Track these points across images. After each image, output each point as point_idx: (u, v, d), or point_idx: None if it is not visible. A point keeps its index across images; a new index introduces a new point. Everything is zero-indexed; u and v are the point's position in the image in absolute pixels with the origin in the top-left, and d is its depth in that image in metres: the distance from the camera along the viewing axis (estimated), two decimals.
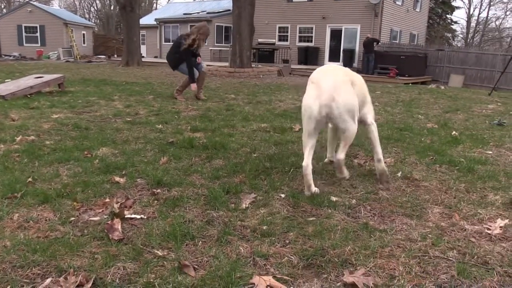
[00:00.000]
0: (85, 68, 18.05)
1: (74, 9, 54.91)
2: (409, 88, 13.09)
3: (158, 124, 5.00)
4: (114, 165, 3.26)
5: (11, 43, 29.69)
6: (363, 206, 2.63)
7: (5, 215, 2.35)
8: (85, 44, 32.52)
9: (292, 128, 4.96)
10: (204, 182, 2.97)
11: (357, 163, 3.60)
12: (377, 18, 21.14)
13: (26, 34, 30.42)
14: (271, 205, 2.60)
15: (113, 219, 2.28)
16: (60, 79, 8.27)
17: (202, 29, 7.32)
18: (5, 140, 4.03)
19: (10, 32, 29.87)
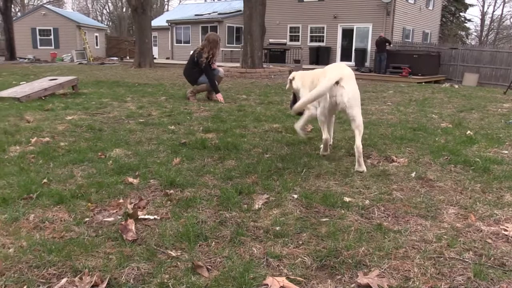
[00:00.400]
0: (98, 70, 18.24)
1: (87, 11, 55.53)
2: (422, 87, 12.97)
3: (170, 125, 5.03)
4: (128, 166, 3.29)
5: (26, 46, 30.13)
6: (377, 206, 2.61)
7: (21, 215, 2.38)
8: (98, 46, 32.87)
9: (304, 129, 4.94)
10: (217, 183, 2.98)
11: (370, 163, 3.57)
12: (389, 17, 20.99)
13: (40, 37, 30.87)
14: (284, 205, 2.59)
15: (127, 219, 2.29)
16: (73, 81, 8.36)
17: (210, 38, 7.42)
18: (20, 142, 4.09)
19: (25, 35, 30.33)
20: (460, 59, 19.11)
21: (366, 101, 8.30)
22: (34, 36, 30.83)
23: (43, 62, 26.53)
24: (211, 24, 26.37)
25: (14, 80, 11.52)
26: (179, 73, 15.45)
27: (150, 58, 20.40)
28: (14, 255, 1.95)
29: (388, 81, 15.51)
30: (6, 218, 2.34)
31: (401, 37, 21.98)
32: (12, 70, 17.09)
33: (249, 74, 14.81)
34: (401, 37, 21.98)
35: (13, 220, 2.32)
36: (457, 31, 38.14)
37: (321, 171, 3.27)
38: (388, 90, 11.09)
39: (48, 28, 30.71)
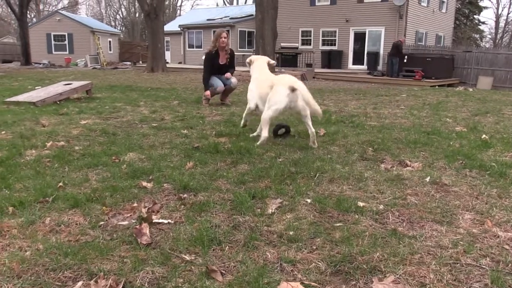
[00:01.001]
0: (111, 74, 18.44)
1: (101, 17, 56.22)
2: (435, 90, 12.86)
3: (183, 129, 5.06)
4: (141, 170, 3.31)
5: (41, 51, 30.59)
6: (391, 211, 2.59)
7: (38, 219, 2.41)
8: (111, 51, 33.23)
9: (316, 133, 4.92)
10: (230, 187, 2.98)
11: (383, 167, 3.55)
12: (402, 20, 20.86)
13: (55, 42, 31.32)
14: (297, 210, 2.59)
15: (141, 223, 2.31)
16: (88, 86, 8.47)
17: (215, 34, 7.42)
18: (36, 146, 4.14)
19: (40, 40, 30.80)
20: (474, 62, 18.91)
21: (378, 105, 8.26)
22: (49, 41, 31.31)
23: (57, 67, 26.89)
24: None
25: (29, 84, 11.70)
26: (191, 77, 15.56)
27: (162, 63, 20.56)
28: (31, 258, 1.98)
29: (401, 85, 15.42)
30: (23, 221, 2.37)
31: (414, 40, 21.82)
32: (28, 75, 17.36)
33: None
34: (414, 40, 21.82)
35: (29, 223, 2.36)
36: (471, 34, 37.76)
37: (335, 176, 3.25)
38: (401, 94, 11.02)
39: (62, 33, 31.16)
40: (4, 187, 2.91)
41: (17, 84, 12.08)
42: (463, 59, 19.20)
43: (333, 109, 7.35)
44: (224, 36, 7.25)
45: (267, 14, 15.33)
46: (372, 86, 14.72)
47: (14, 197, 2.71)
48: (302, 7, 24.10)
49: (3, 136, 4.57)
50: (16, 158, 3.70)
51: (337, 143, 4.45)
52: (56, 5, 53.53)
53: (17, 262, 1.92)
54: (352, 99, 9.36)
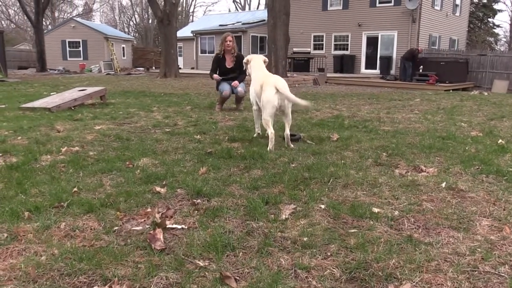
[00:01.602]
0: (125, 80, 18.62)
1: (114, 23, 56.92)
2: (450, 95, 12.73)
3: (196, 135, 5.07)
4: (155, 176, 3.32)
5: (56, 57, 31.07)
6: (407, 218, 2.56)
7: (53, 223, 2.43)
8: (125, 57, 33.59)
9: (329, 138, 4.91)
10: (243, 193, 2.98)
11: (398, 173, 3.51)
12: (415, 24, 20.73)
13: (69, 49, 31.79)
14: (311, 216, 2.57)
15: (155, 229, 2.31)
16: (102, 92, 8.56)
17: (221, 38, 7.48)
18: (51, 151, 4.19)
19: (55, 47, 31.29)
20: (489, 65, 18.69)
21: (392, 109, 8.19)
22: (64, 48, 31.78)
23: (72, 73, 27.25)
24: (235, 34, 26.45)
25: (45, 90, 11.88)
26: (204, 82, 15.63)
27: (175, 68, 20.70)
28: (46, 262, 1.99)
29: (414, 89, 15.29)
30: (39, 226, 2.40)
31: (428, 44, 21.66)
32: (43, 81, 17.63)
33: None
34: (428, 44, 21.66)
35: (45, 228, 2.38)
36: (486, 37, 37.33)
37: (348, 181, 3.23)
38: (414, 98, 10.92)
39: (77, 40, 31.61)
40: (20, 192, 2.94)
41: (33, 90, 12.27)
42: (478, 63, 18.99)
43: (346, 114, 7.32)
44: (229, 39, 7.28)
45: (279, 20, 15.37)
46: (385, 90, 14.62)
47: (29, 202, 2.74)
48: (314, 12, 24.10)
49: (19, 142, 4.64)
50: (31, 163, 3.75)
51: (351, 148, 4.42)
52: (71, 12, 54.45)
53: (33, 267, 1.94)
54: (365, 104, 9.31)
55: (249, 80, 5.23)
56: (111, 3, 61.28)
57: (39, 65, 27.82)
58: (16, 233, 2.29)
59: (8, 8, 51.42)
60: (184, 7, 57.37)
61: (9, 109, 7.51)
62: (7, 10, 51.51)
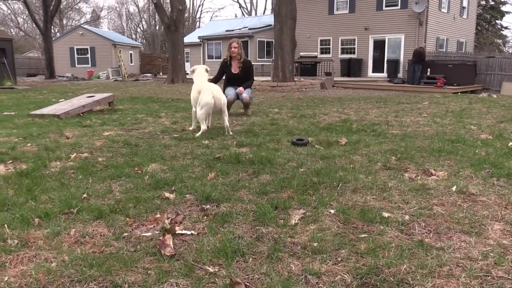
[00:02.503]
0: (133, 86, 18.73)
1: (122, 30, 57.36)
2: (458, 97, 12.64)
3: (204, 140, 5.08)
4: (164, 181, 3.33)
5: (64, 64, 31.39)
6: (417, 222, 2.54)
7: (63, 230, 2.44)
8: (132, 64, 33.83)
9: (338, 142, 4.90)
10: (252, 198, 2.97)
11: (408, 177, 3.48)
12: (422, 27, 20.66)
13: (78, 56, 32.10)
14: (320, 221, 2.55)
15: (165, 235, 2.31)
16: (110, 98, 8.61)
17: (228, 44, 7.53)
18: (60, 158, 4.22)
19: (64, 54, 31.62)
20: (497, 67, 18.54)
21: (400, 113, 8.16)
22: (72, 55, 32.09)
23: (80, 79, 27.49)
24: (242, 39, 26.62)
25: (53, 97, 11.99)
26: None
27: (182, 74, 20.79)
28: (57, 269, 1.99)
29: (422, 92, 15.21)
30: (49, 232, 2.41)
31: (435, 47, 21.56)
32: (52, 88, 17.79)
33: (280, 88, 14.86)
34: (435, 47, 21.56)
35: (55, 234, 2.38)
36: (494, 39, 37.12)
37: (358, 186, 3.21)
38: (422, 101, 10.86)
39: (85, 47, 31.90)
40: (30, 198, 2.96)
41: (42, 97, 12.39)
42: (486, 65, 18.85)
43: (354, 118, 7.29)
44: (235, 45, 7.28)
45: (285, 24, 15.39)
46: (392, 93, 14.56)
47: (40, 208, 2.76)
48: (321, 16, 24.11)
49: (28, 148, 4.67)
50: (41, 170, 3.77)
51: (359, 152, 4.40)
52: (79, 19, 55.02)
53: (43, 273, 1.94)
54: (373, 107, 9.28)
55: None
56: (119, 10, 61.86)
57: (47, 72, 28.11)
58: (26, 240, 2.30)
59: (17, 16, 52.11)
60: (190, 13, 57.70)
61: (18, 116, 7.58)
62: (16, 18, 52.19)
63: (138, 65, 34.62)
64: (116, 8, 62.71)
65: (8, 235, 2.35)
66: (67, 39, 32.48)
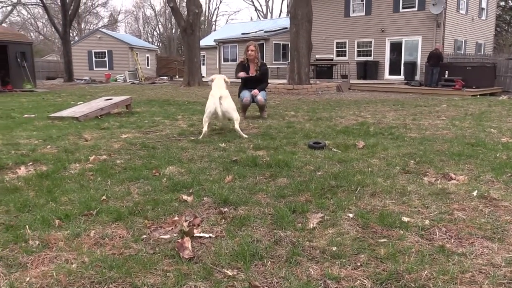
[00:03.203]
0: (149, 89, 18.90)
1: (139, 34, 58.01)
2: (477, 100, 12.44)
3: (221, 143, 5.09)
4: (181, 184, 3.34)
5: (83, 67, 31.88)
6: (438, 227, 2.49)
7: (83, 231, 2.47)
8: (149, 67, 34.17)
9: (355, 145, 4.86)
10: (270, 201, 2.96)
11: (427, 181, 3.43)
12: (440, 29, 20.40)
13: (95, 59, 32.58)
14: (339, 225, 2.53)
15: (183, 237, 2.32)
16: (127, 101, 8.70)
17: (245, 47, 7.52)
18: (80, 160, 4.27)
19: (82, 57, 32.13)
20: None
21: (418, 116, 8.06)
22: (90, 58, 32.58)
23: (98, 82, 27.88)
24: (258, 42, 26.63)
25: (72, 100, 12.17)
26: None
27: (198, 77, 20.92)
28: (77, 270, 2.02)
29: (440, 95, 15.02)
30: (69, 233, 2.43)
31: (453, 49, 21.27)
32: (70, 91, 18.07)
33: (296, 91, 14.83)
34: (453, 49, 21.27)
35: (75, 236, 2.41)
36: None
37: (376, 189, 3.18)
38: (441, 104, 10.72)
39: (103, 50, 32.37)
40: (50, 200, 3.00)
41: (61, 100, 12.59)
42: (506, 67, 18.50)
43: (371, 121, 7.23)
44: (252, 48, 7.28)
45: (301, 27, 15.36)
46: (410, 96, 14.40)
47: (60, 210, 2.79)
48: (337, 18, 24.01)
49: (48, 150, 4.75)
50: (61, 171, 3.82)
51: (377, 155, 4.36)
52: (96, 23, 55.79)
53: (64, 275, 1.97)
54: (390, 110, 9.19)
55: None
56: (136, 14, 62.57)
57: (66, 75, 28.58)
58: (47, 241, 2.33)
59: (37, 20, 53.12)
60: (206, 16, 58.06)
61: (38, 119, 7.71)
62: (35, 22, 53.21)
63: (154, 68, 34.95)
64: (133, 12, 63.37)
65: (29, 236, 2.39)
66: (85, 43, 33.00)
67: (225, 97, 5.62)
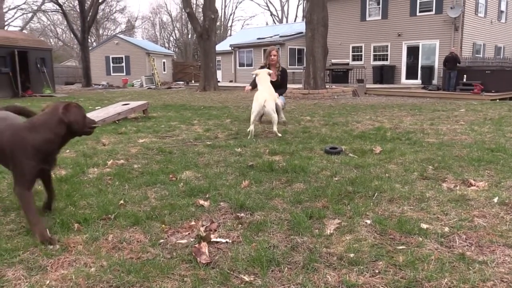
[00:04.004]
0: (166, 94, 19.07)
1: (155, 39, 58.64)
2: (496, 104, 12.23)
3: (237, 148, 5.11)
4: (198, 189, 3.36)
5: (100, 73, 32.35)
6: (458, 234, 2.45)
7: (101, 235, 2.50)
8: (165, 72, 34.49)
9: (372, 151, 4.82)
10: (286, 207, 2.95)
11: (446, 187, 3.38)
12: (458, 32, 20.15)
13: (113, 64, 33.03)
14: (356, 231, 2.51)
15: (200, 242, 2.33)
16: (144, 106, 8.79)
17: (266, 52, 7.49)
18: (98, 164, 4.33)
19: (100, 63, 32.61)
20: None
21: (436, 120, 7.96)
22: (107, 63, 33.05)
23: (115, 87, 28.23)
24: None
25: (90, 105, 12.33)
26: (242, 95, 15.76)
27: (214, 82, 21.03)
28: (96, 274, 2.04)
29: (458, 99, 14.80)
30: (87, 237, 2.47)
31: (471, 53, 20.97)
32: (88, 95, 18.34)
33: (312, 95, 14.79)
34: (471, 53, 20.97)
35: (93, 239, 2.44)
36: None
37: (394, 195, 3.14)
38: (459, 109, 10.57)
39: (120, 56, 32.80)
40: (69, 204, 3.05)
41: None
42: None
43: (388, 126, 7.16)
44: (274, 53, 7.29)
45: (317, 32, 15.33)
46: (427, 101, 14.23)
47: (79, 213, 2.83)
48: (353, 23, 23.92)
49: (67, 155, 4.82)
50: (79, 176, 3.88)
51: (395, 161, 4.31)
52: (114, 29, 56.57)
53: (83, 278, 1.99)
54: (407, 115, 9.09)
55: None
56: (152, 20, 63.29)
57: (84, 81, 29.06)
58: (66, 244, 2.37)
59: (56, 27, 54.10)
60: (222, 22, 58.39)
61: None
62: (55, 28, 54.21)
63: (170, 73, 35.27)
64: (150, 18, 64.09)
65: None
66: (103, 48, 33.49)
67: (268, 100, 5.92)
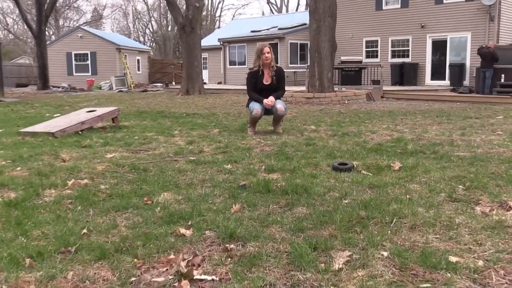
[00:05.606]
0: (140, 98, 19.14)
1: (128, 32, 58.92)
2: None
3: (226, 164, 5.13)
4: (179, 214, 3.36)
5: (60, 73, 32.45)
6: (494, 269, 2.47)
7: (59, 273, 2.48)
8: (140, 71, 34.65)
9: (390, 167, 4.85)
10: (286, 236, 2.96)
11: (480, 211, 3.41)
12: (494, 23, 20.42)
13: (76, 63, 33.16)
14: (371, 265, 2.52)
15: (180, 280, 2.33)
16: (114, 113, 8.82)
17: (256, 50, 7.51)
18: (56, 185, 4.32)
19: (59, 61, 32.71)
20: None
21: (467, 130, 8.03)
22: (69, 61, 33.16)
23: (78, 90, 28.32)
24: (271, 42, 26.94)
25: (47, 112, 12.37)
26: (233, 100, 15.85)
27: (199, 84, 21.14)
28: None
29: (495, 104, 14.95)
30: (42, 275, 2.45)
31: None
32: (45, 100, 18.37)
33: (317, 100, 14.90)
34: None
35: (49, 278, 2.43)
36: None
37: (416, 222, 3.16)
38: (496, 115, 10.68)
39: (84, 52, 32.95)
40: (20, 234, 3.03)
41: (33, 112, 12.79)
42: None
43: (409, 137, 7.22)
44: (267, 51, 7.27)
45: (323, 23, 15.48)
46: (457, 106, 14.38)
47: (31, 246, 2.82)
48: (366, 12, 24.21)
49: (18, 173, 4.81)
50: (33, 199, 3.87)
51: (417, 179, 4.35)
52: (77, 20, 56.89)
53: None
54: (433, 123, 9.17)
55: None
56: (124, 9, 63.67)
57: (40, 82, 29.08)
58: (15, 285, 2.35)
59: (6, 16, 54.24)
60: (209, 11, 58.92)
61: (6, 134, 7.84)
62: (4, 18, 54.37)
63: (146, 73, 35.45)
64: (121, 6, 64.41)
65: None
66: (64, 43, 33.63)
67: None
